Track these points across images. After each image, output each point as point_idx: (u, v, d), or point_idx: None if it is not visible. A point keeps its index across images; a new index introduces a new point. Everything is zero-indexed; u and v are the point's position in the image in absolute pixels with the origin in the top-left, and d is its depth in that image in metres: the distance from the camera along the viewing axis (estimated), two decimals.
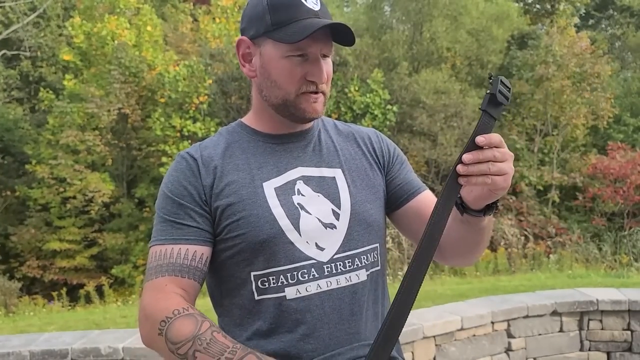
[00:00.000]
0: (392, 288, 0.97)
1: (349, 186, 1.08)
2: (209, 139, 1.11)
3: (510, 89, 0.90)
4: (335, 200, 1.05)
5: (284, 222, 1.00)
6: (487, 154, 0.88)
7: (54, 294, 8.50)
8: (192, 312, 0.93)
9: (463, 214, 0.98)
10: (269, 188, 1.02)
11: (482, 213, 0.97)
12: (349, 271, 1.03)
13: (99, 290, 7.97)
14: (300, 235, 1.01)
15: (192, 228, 1.00)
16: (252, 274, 1.00)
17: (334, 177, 1.07)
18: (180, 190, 1.01)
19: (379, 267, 1.09)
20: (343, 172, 1.09)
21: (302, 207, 1.02)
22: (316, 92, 1.03)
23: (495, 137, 0.89)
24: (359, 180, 1.10)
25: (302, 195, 1.03)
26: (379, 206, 1.11)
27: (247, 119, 1.12)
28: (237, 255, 1.01)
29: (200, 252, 1.00)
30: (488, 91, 0.90)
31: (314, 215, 1.02)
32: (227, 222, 1.00)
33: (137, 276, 11.58)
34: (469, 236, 1.03)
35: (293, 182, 1.04)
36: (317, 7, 1.00)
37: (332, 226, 1.03)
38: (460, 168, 0.89)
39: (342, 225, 1.04)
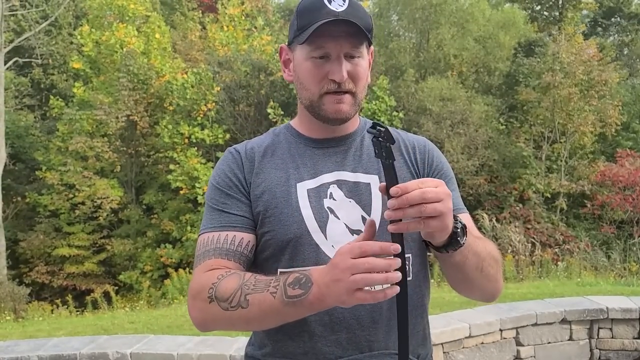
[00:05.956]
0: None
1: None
2: (257, 137, 1.16)
3: (383, 129, 0.85)
4: (366, 206, 1.04)
5: (311, 223, 1.02)
6: (414, 196, 0.80)
7: (68, 298, 8.53)
8: (234, 272, 0.97)
9: (430, 250, 0.95)
10: (302, 189, 1.04)
11: (443, 250, 0.93)
12: None
13: (107, 296, 8.01)
14: (326, 238, 1.02)
15: (238, 216, 1.04)
16: (279, 270, 1.02)
17: (369, 183, 1.06)
18: (226, 181, 1.07)
19: (410, 278, 1.05)
20: (380, 179, 1.06)
21: (332, 211, 1.03)
22: (340, 92, 1.03)
23: (410, 185, 0.81)
24: None
25: (334, 199, 1.04)
26: None
27: (294, 122, 1.16)
28: (266, 251, 1.04)
29: (246, 239, 1.03)
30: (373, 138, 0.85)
31: (342, 221, 1.03)
32: (260, 217, 1.04)
33: (144, 282, 11.62)
34: (451, 273, 1.01)
35: (326, 186, 1.05)
36: (341, 8, 0.99)
37: (360, 233, 1.01)
38: (386, 214, 0.83)
39: None
